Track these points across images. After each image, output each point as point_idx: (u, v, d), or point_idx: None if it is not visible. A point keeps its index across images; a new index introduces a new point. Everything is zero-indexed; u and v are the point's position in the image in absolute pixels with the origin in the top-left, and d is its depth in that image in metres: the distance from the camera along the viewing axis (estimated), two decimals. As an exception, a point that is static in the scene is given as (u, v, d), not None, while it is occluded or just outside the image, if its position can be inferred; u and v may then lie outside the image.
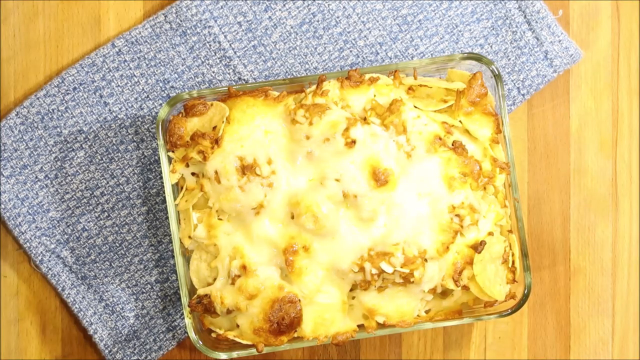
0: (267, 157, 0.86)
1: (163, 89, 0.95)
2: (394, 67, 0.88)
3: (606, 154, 0.98)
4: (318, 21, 0.96)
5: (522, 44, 0.96)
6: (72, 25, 0.96)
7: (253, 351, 0.88)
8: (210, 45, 0.95)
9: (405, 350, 0.97)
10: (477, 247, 0.86)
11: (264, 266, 0.87)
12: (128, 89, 0.95)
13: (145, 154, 0.95)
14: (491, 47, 0.96)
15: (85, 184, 0.95)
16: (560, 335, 0.98)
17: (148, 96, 0.95)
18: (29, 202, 0.94)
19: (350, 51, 0.96)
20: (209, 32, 0.95)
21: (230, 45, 0.95)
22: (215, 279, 0.89)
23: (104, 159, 0.95)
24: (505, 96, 0.94)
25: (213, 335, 0.90)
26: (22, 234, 0.94)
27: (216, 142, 0.86)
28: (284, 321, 0.86)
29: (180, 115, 0.88)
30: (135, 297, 0.95)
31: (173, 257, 0.95)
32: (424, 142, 0.86)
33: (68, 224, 0.95)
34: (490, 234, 0.87)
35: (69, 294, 0.94)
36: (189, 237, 0.88)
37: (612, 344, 0.98)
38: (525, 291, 0.88)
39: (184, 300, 0.88)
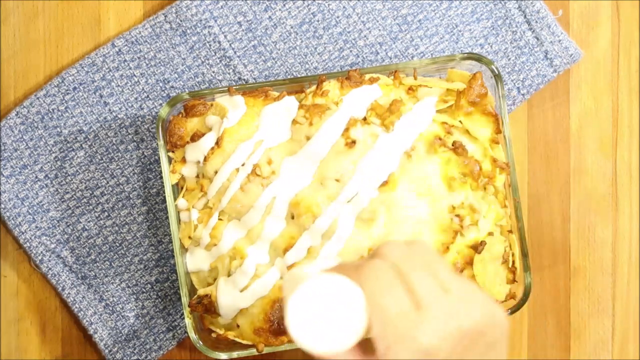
0: (267, 157, 0.86)
1: (163, 89, 0.95)
2: (394, 67, 0.88)
3: (606, 154, 0.98)
4: (318, 21, 0.96)
5: (522, 44, 0.96)
6: (72, 25, 0.96)
7: (253, 351, 0.88)
8: (210, 45, 0.95)
9: (405, 350, 0.97)
10: (477, 247, 0.86)
11: (264, 266, 0.87)
12: (128, 88, 0.95)
13: (145, 154, 0.95)
14: (491, 47, 0.96)
15: (85, 183, 0.95)
16: (560, 335, 0.98)
17: (148, 96, 0.95)
18: (29, 201, 0.94)
19: (350, 51, 0.96)
20: (209, 32, 0.95)
21: (230, 45, 0.95)
22: (215, 279, 0.89)
23: (104, 158, 0.95)
24: (505, 96, 0.94)
25: (213, 335, 0.90)
26: (22, 233, 0.94)
27: (216, 142, 0.86)
28: (284, 321, 0.86)
29: (181, 115, 0.88)
30: (135, 296, 0.95)
31: (173, 257, 0.95)
32: (424, 143, 0.86)
33: (68, 224, 0.95)
34: (490, 234, 0.87)
35: (69, 293, 0.94)
36: (189, 237, 0.88)
37: (612, 344, 0.98)
38: (525, 291, 0.88)
39: (184, 300, 0.88)
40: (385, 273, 0.60)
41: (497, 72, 0.87)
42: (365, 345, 0.63)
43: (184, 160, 0.88)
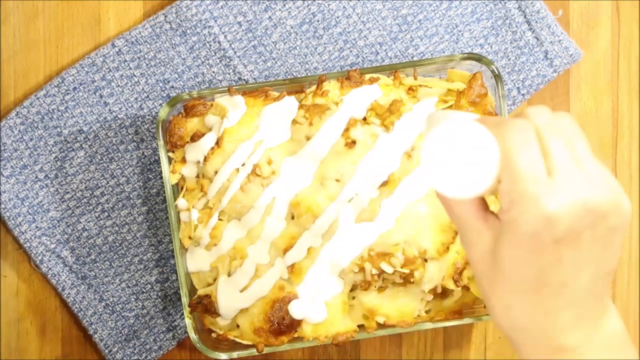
0: (267, 157, 0.86)
1: (163, 89, 0.95)
2: (394, 67, 0.88)
3: (606, 154, 0.98)
4: (318, 21, 0.96)
5: (522, 44, 0.96)
6: (72, 25, 0.96)
7: (253, 351, 0.88)
8: (210, 45, 0.95)
9: (405, 350, 0.97)
10: (477, 247, 0.86)
11: (264, 266, 0.87)
12: (128, 89, 0.95)
13: (145, 154, 0.95)
14: (491, 47, 0.96)
15: (85, 183, 0.95)
16: (560, 335, 0.98)
17: (148, 96, 0.95)
18: (29, 202, 0.94)
19: (350, 51, 0.96)
20: (209, 32, 0.95)
21: (230, 45, 0.95)
22: (215, 279, 0.89)
23: (104, 158, 0.95)
24: (505, 96, 0.94)
25: (213, 335, 0.90)
26: (22, 233, 0.94)
27: (216, 142, 0.86)
28: (284, 321, 0.86)
29: (181, 115, 0.88)
30: (135, 297, 0.95)
31: (173, 257, 0.95)
32: (424, 143, 0.86)
33: (68, 224, 0.95)
34: (490, 234, 0.87)
35: (69, 293, 0.94)
36: (189, 237, 0.88)
37: (612, 343, 0.98)
38: (525, 291, 0.88)
39: (184, 300, 0.88)
40: (526, 133, 0.59)
41: (497, 72, 0.87)
42: (487, 204, 0.63)
43: (184, 160, 0.88)
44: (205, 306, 0.87)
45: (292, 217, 0.86)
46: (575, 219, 0.57)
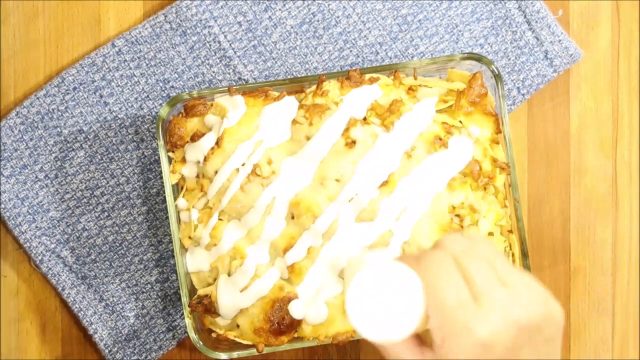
0: (267, 157, 0.86)
1: (163, 89, 0.95)
2: (394, 67, 0.88)
3: (606, 154, 0.98)
4: (318, 21, 0.96)
5: (522, 44, 0.96)
6: (72, 25, 0.96)
7: (253, 351, 0.88)
8: (210, 45, 0.95)
9: (405, 350, 0.97)
10: (477, 247, 0.86)
11: (264, 266, 0.87)
12: (128, 88, 0.95)
13: (145, 153, 0.95)
14: (491, 47, 0.96)
15: (85, 183, 0.95)
16: (560, 335, 0.98)
17: (148, 96, 0.95)
18: (29, 201, 0.94)
19: (350, 51, 0.96)
20: (209, 32, 0.95)
21: (230, 45, 0.95)
22: (215, 279, 0.89)
23: (104, 158, 0.95)
24: (505, 96, 0.94)
25: (213, 335, 0.90)
26: (22, 233, 0.94)
27: (216, 142, 0.86)
28: (284, 321, 0.86)
29: (181, 115, 0.88)
30: (135, 296, 0.95)
31: (173, 257, 0.95)
32: (424, 143, 0.86)
33: (68, 224, 0.95)
34: (491, 234, 0.87)
35: (69, 293, 0.94)
36: (189, 237, 0.88)
37: (612, 344, 0.98)
38: (525, 291, 0.88)
39: (184, 300, 0.88)
40: (446, 264, 0.59)
41: (497, 72, 0.87)
42: (422, 337, 0.62)
43: (184, 160, 0.88)
44: (205, 306, 0.87)
45: (292, 217, 0.86)
46: (510, 338, 0.57)
